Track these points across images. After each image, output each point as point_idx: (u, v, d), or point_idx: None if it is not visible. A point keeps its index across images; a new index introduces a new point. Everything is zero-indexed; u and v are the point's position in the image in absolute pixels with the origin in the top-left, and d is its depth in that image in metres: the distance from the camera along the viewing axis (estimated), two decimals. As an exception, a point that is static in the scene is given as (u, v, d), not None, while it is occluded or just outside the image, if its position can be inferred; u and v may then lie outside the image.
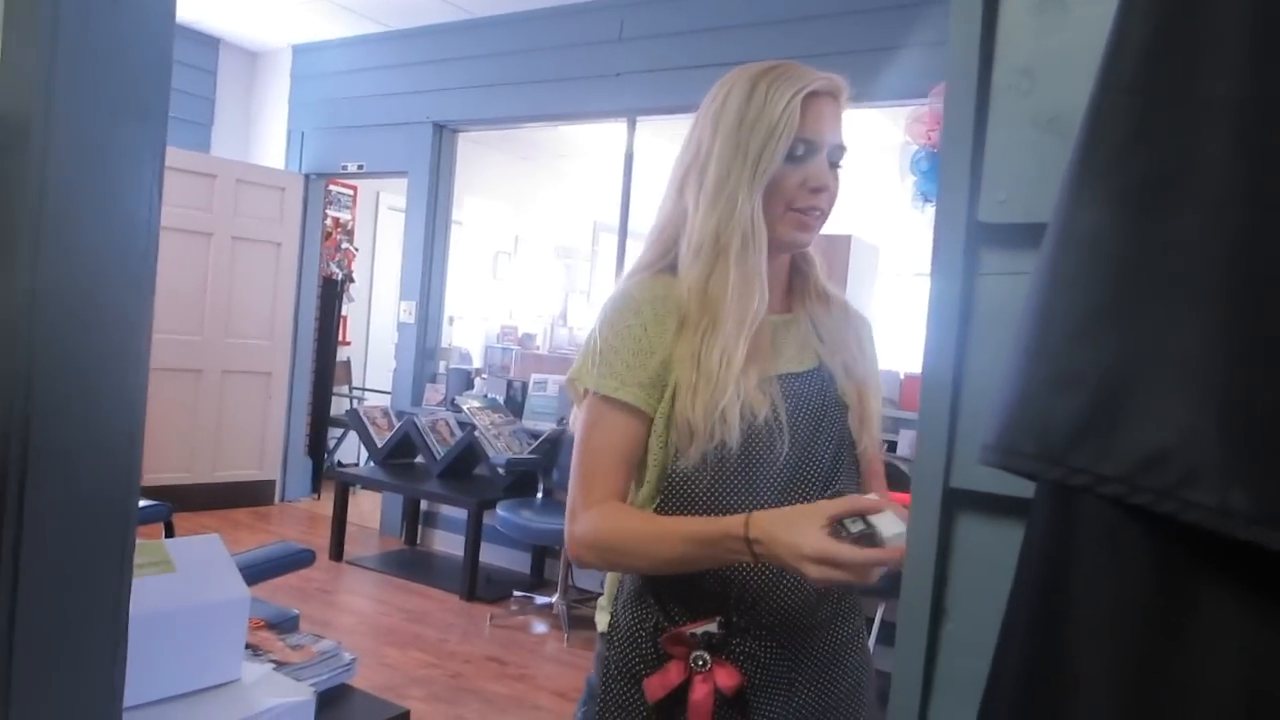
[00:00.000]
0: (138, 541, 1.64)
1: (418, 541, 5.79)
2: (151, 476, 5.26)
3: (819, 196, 1.17)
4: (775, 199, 1.15)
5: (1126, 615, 0.49)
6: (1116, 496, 0.49)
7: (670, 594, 1.15)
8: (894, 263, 6.55)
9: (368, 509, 6.23)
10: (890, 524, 0.99)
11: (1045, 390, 0.52)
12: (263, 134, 6.81)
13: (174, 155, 5.78)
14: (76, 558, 1.54)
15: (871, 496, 1.06)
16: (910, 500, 0.77)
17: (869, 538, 0.99)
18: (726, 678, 1.09)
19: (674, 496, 1.15)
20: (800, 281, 1.27)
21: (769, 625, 1.13)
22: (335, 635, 2.39)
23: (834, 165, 1.20)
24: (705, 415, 1.10)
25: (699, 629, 1.10)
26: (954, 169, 0.71)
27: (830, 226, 1.28)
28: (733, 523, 1.04)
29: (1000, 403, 0.54)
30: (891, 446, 4.32)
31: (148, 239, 1.63)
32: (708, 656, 1.09)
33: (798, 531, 0.99)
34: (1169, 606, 0.49)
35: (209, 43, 6.51)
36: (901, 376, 4.54)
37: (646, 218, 1.30)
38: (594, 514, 1.12)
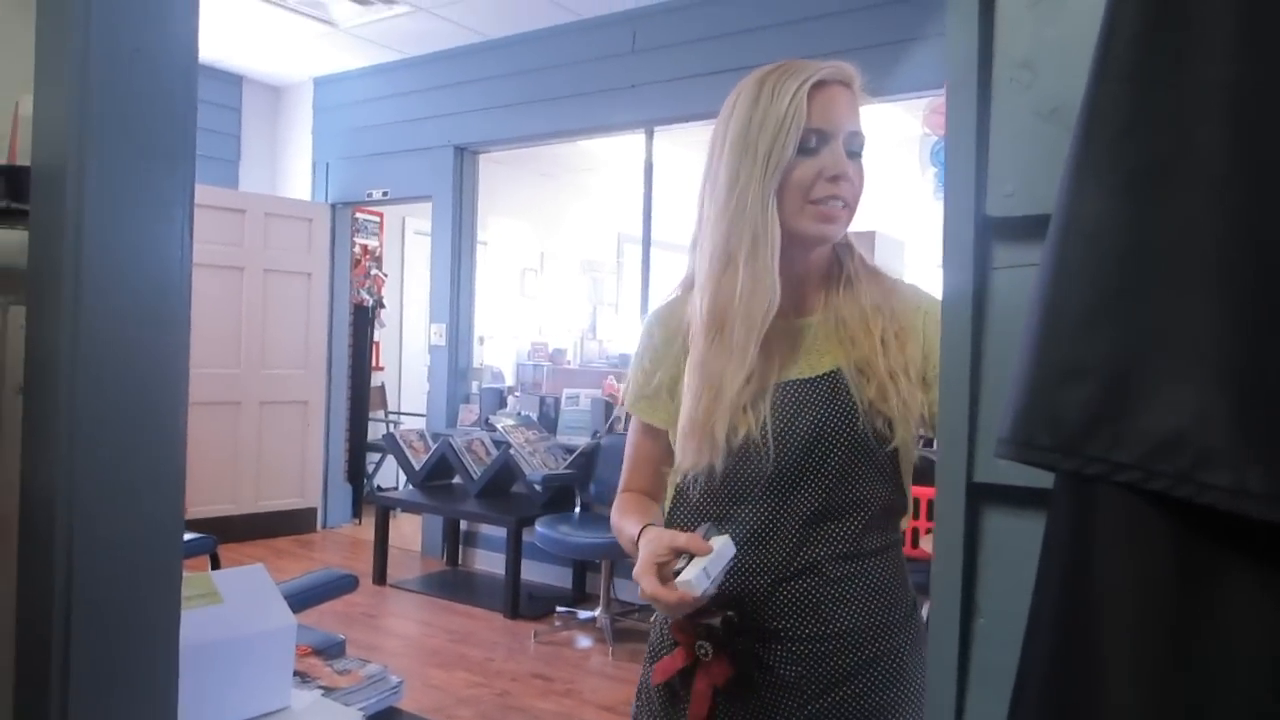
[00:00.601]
0: (185, 574, 1.67)
1: (459, 562, 5.83)
2: (196, 509, 5.35)
3: (838, 185, 1.14)
4: (793, 194, 1.12)
5: (1149, 601, 0.49)
6: (1133, 483, 0.49)
7: None
8: (920, 256, 6.50)
9: (408, 532, 6.28)
10: (690, 569, 1.03)
11: (1056, 380, 0.52)
12: (288, 167, 6.92)
13: (203, 192, 5.88)
14: (127, 593, 1.58)
15: (718, 539, 1.05)
16: (935, 495, 0.77)
17: (676, 574, 1.05)
18: (720, 672, 1.11)
19: (678, 503, 1.22)
20: (836, 275, 1.23)
21: (773, 629, 1.13)
22: (381, 659, 2.42)
23: (854, 155, 1.17)
24: (702, 426, 1.12)
25: (704, 621, 1.12)
26: (960, 164, 0.72)
27: (854, 223, 1.26)
28: (637, 531, 1.16)
29: (1013, 395, 0.55)
30: (929, 442, 4.29)
31: (181, 277, 1.67)
32: (709, 648, 1.12)
33: (645, 551, 1.08)
34: (1191, 590, 0.49)
35: (232, 80, 6.63)
36: (934, 372, 4.51)
37: (669, 227, 1.33)
38: (616, 501, 1.29)
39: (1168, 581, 0.49)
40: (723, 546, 1.05)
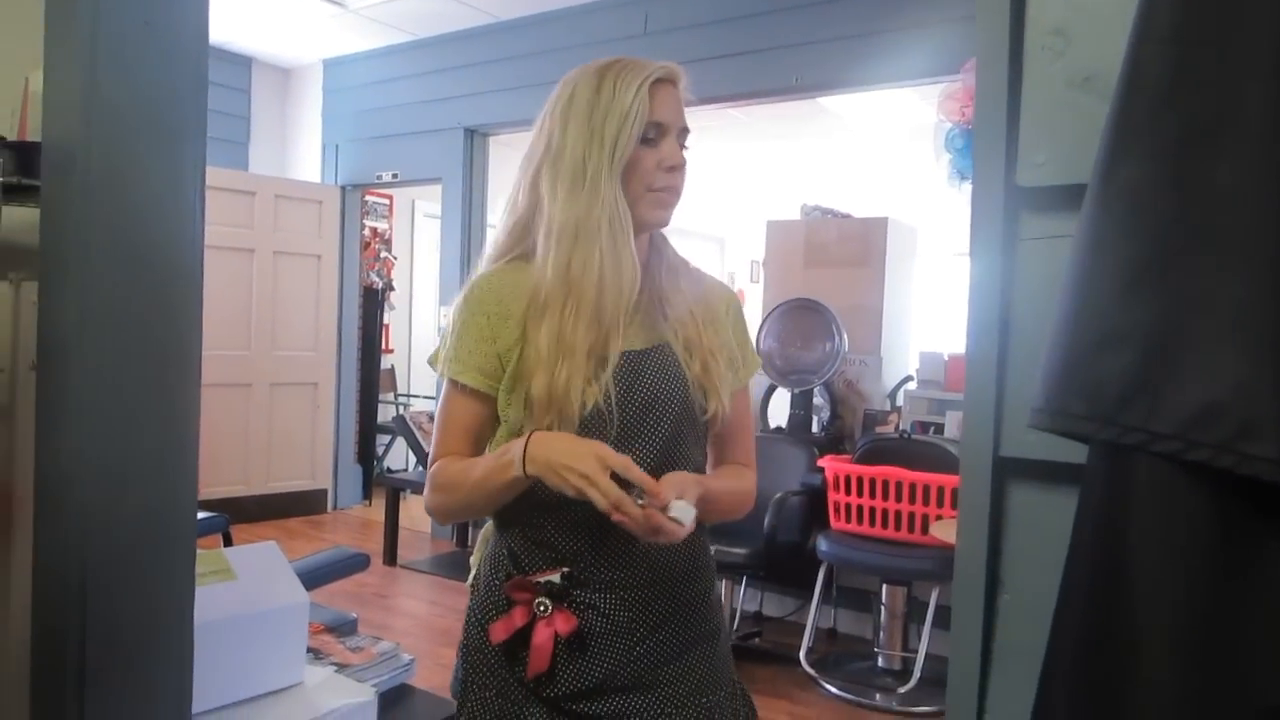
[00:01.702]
0: (199, 551, 1.67)
1: (469, 543, 5.84)
2: (208, 490, 5.35)
3: (674, 175, 1.24)
4: (634, 181, 1.23)
5: (1189, 573, 0.48)
6: (1172, 453, 0.48)
7: (522, 548, 1.26)
8: (933, 243, 6.47)
9: (418, 513, 6.29)
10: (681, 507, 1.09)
11: (1093, 349, 0.51)
12: (298, 149, 6.90)
13: (213, 174, 5.84)
14: (141, 568, 1.58)
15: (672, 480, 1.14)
16: (960, 473, 0.76)
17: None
18: (564, 623, 1.19)
19: None
20: (656, 261, 1.33)
21: (608, 580, 1.22)
22: (392, 638, 2.42)
23: (684, 148, 1.28)
24: (563, 395, 1.19)
25: (542, 579, 1.21)
26: (989, 136, 0.70)
27: (866, 209, 1.26)
28: (522, 439, 1.16)
29: (1048, 365, 0.54)
30: (939, 429, 4.28)
31: (194, 253, 1.66)
32: (549, 603, 1.20)
33: (578, 447, 1.12)
34: (1232, 562, 0.47)
35: (242, 62, 6.61)
36: (945, 358, 4.49)
37: (679, 211, 1.34)
38: (438, 465, 1.28)
39: (1208, 556, 0.48)
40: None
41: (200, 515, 2.02)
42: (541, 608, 1.20)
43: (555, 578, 1.20)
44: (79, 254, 1.54)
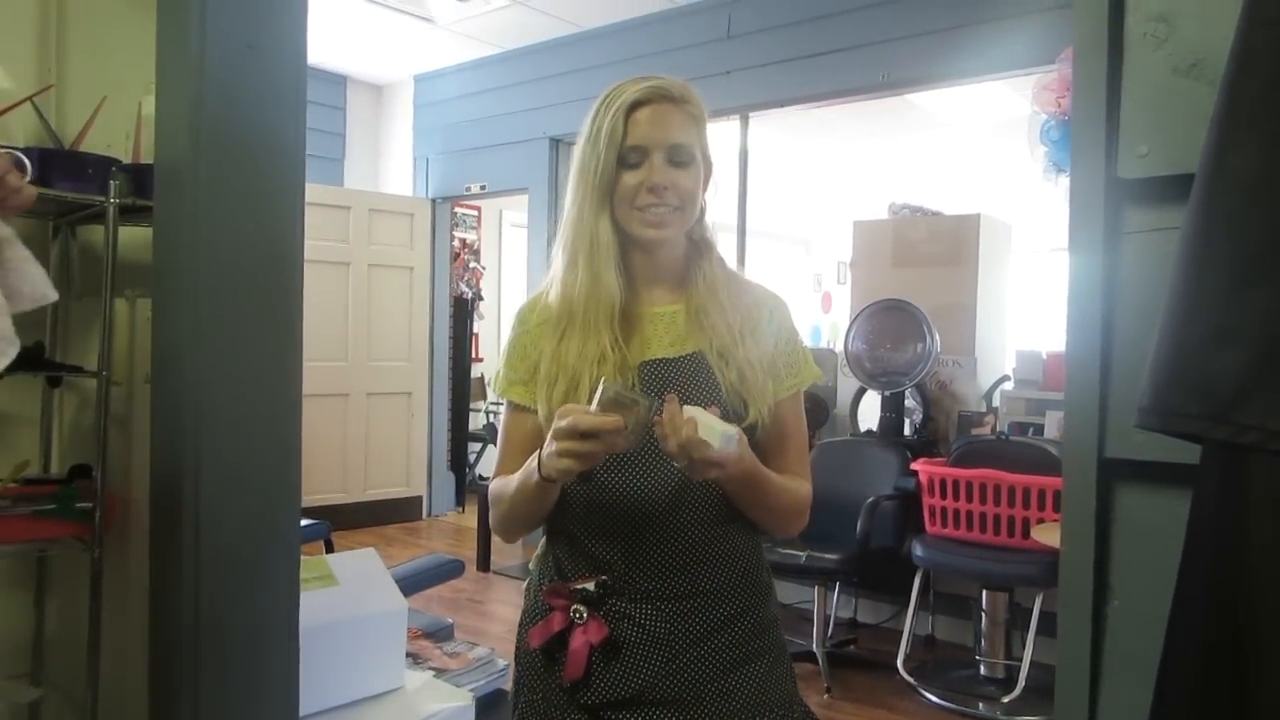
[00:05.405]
0: (303, 558, 1.73)
1: (559, 549, 5.89)
2: (310, 497, 5.52)
3: (657, 193, 1.26)
4: (623, 203, 1.27)
5: (1313, 579, 0.46)
6: (1293, 453, 0.46)
7: (566, 555, 1.29)
8: (1028, 240, 6.28)
9: (510, 520, 6.38)
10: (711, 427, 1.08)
11: (1205, 345, 0.49)
12: (390, 163, 7.09)
13: (310, 190, 6.05)
14: (249, 574, 1.64)
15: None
16: (1063, 476, 0.74)
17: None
18: (596, 631, 1.22)
19: None
20: (695, 274, 1.35)
21: (644, 590, 1.23)
22: (487, 643, 2.46)
23: (681, 164, 1.28)
24: (558, 405, 1.21)
25: (578, 586, 1.24)
26: (1088, 127, 0.68)
27: (957, 206, 1.23)
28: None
29: (1155, 362, 0.52)
30: (1038, 430, 4.15)
31: (295, 272, 1.73)
32: (584, 611, 1.23)
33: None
34: (1362, 568, 0.45)
35: (337, 81, 6.82)
36: (1044, 356, 4.36)
37: (764, 214, 1.35)
38: (495, 483, 1.33)
39: (1335, 559, 0.45)
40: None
41: (303, 523, 2.09)
42: (578, 615, 1.23)
43: (590, 586, 1.23)
44: (189, 271, 1.61)
